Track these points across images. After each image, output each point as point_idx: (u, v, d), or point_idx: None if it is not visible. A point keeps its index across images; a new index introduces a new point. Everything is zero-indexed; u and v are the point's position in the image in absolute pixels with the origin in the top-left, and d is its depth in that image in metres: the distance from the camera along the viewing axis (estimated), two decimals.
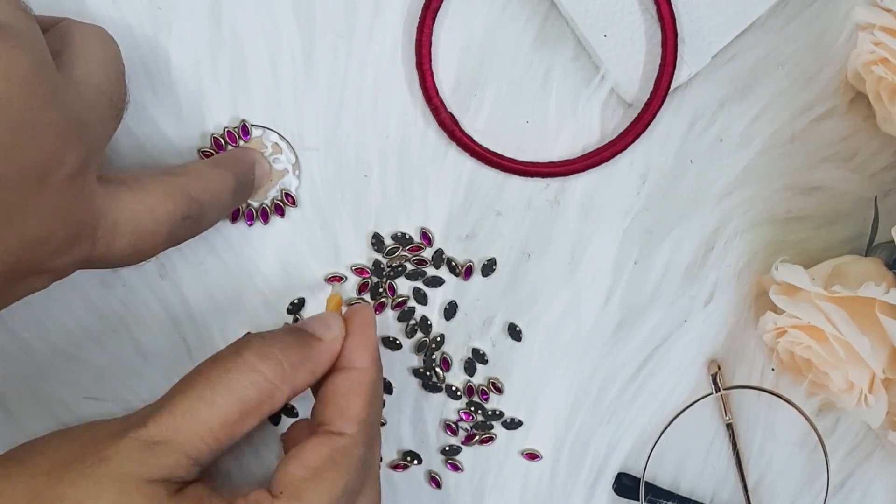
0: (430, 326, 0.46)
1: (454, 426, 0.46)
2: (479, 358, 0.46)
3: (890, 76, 0.42)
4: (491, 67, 0.45)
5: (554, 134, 0.45)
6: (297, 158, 0.44)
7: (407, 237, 0.45)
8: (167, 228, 0.37)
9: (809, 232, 0.47)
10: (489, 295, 0.46)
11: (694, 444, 0.47)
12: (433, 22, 0.44)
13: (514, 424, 0.46)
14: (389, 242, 0.45)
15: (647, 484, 0.46)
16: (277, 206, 0.44)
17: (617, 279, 0.46)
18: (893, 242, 0.43)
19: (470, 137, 0.44)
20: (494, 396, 0.46)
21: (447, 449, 0.46)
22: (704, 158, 0.46)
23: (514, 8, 0.45)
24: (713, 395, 0.46)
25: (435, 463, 0.46)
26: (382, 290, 0.45)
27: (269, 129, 0.44)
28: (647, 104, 0.44)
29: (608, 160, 0.45)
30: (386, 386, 0.45)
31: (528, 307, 0.46)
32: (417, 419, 0.46)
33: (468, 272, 0.45)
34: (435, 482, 0.46)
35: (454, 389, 0.46)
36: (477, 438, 0.46)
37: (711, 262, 0.46)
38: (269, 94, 0.44)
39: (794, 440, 0.47)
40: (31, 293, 0.35)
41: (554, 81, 0.45)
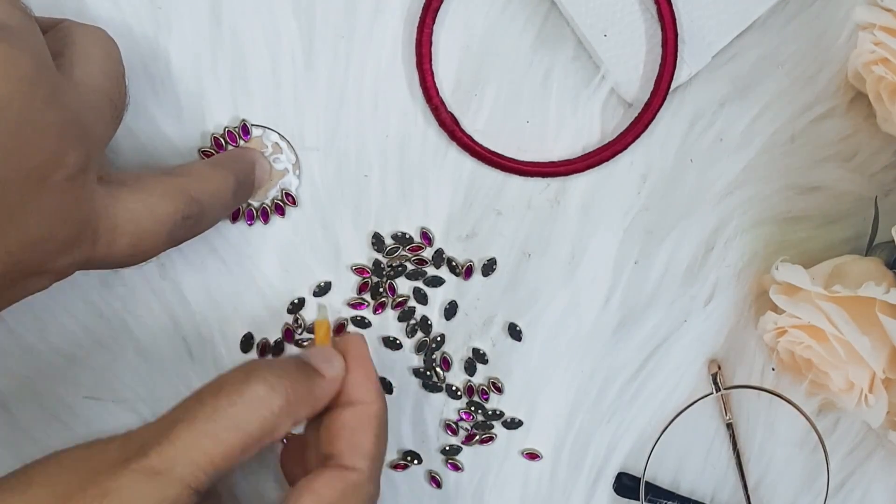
0: (430, 326, 0.46)
1: (454, 426, 0.46)
2: (479, 358, 0.46)
3: (890, 76, 0.42)
4: (491, 67, 0.45)
5: (554, 134, 0.45)
6: (297, 158, 0.44)
7: (407, 237, 0.45)
8: (167, 229, 0.37)
9: (809, 232, 0.47)
10: (489, 295, 0.46)
11: (694, 443, 0.47)
12: (433, 22, 0.44)
13: (514, 424, 0.46)
14: (389, 242, 0.45)
15: (647, 484, 0.46)
16: (277, 205, 0.44)
17: (617, 279, 0.46)
18: (893, 242, 0.43)
19: (470, 137, 0.44)
20: (494, 396, 0.46)
21: (447, 449, 0.46)
22: (704, 158, 0.46)
23: (514, 8, 0.45)
24: (713, 394, 0.46)
25: (435, 463, 0.46)
26: (382, 289, 0.45)
27: (269, 128, 0.44)
28: (647, 104, 0.44)
29: (608, 160, 0.45)
30: (386, 386, 0.45)
31: (528, 307, 0.46)
32: (417, 419, 0.46)
33: (468, 272, 0.45)
34: (435, 482, 0.46)
35: (454, 389, 0.46)
36: (477, 438, 0.46)
37: (711, 262, 0.46)
38: (269, 94, 0.44)
39: (794, 440, 0.47)
40: (31, 294, 0.35)
41: (554, 81, 0.45)
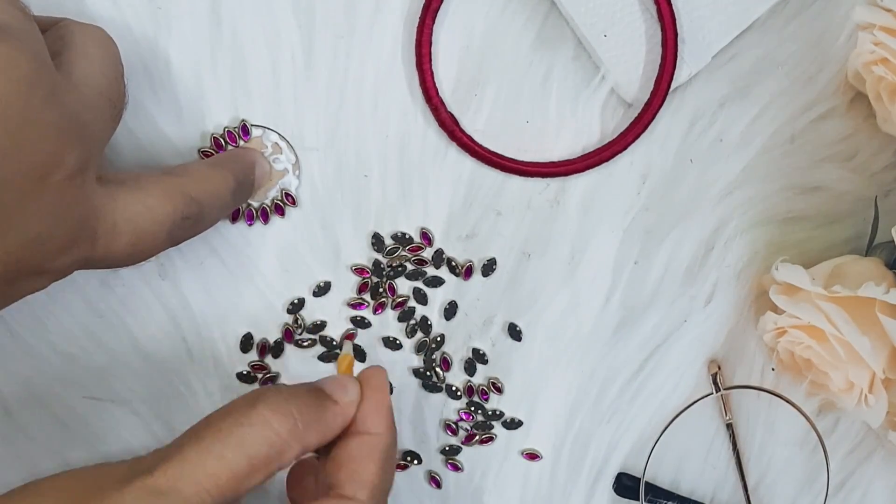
0: (430, 326, 0.46)
1: (454, 426, 0.46)
2: (479, 358, 0.46)
3: (890, 76, 0.42)
4: (491, 67, 0.45)
5: (554, 134, 0.45)
6: (297, 158, 0.44)
7: (407, 237, 0.45)
8: (167, 229, 0.37)
9: (809, 232, 0.47)
10: (489, 295, 0.46)
11: (694, 444, 0.47)
12: (433, 22, 0.44)
13: (514, 424, 0.46)
14: (389, 242, 0.45)
15: (647, 484, 0.46)
16: (277, 206, 0.44)
17: (617, 279, 0.46)
18: (893, 242, 0.43)
19: (470, 137, 0.44)
20: (494, 396, 0.46)
21: (447, 449, 0.46)
22: (704, 158, 0.46)
23: (514, 8, 0.45)
24: (713, 395, 0.46)
25: (435, 463, 0.46)
26: (382, 290, 0.45)
27: (269, 129, 0.44)
28: (647, 104, 0.44)
29: (608, 160, 0.45)
30: None
31: (528, 307, 0.46)
32: (417, 419, 0.46)
33: (468, 272, 0.45)
34: (435, 482, 0.46)
35: (454, 389, 0.46)
36: (477, 438, 0.46)
37: (711, 262, 0.46)
38: (269, 94, 0.44)
39: (794, 440, 0.47)
40: (30, 293, 0.35)
41: (554, 81, 0.45)
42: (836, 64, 0.46)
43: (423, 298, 0.45)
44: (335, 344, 0.45)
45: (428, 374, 0.46)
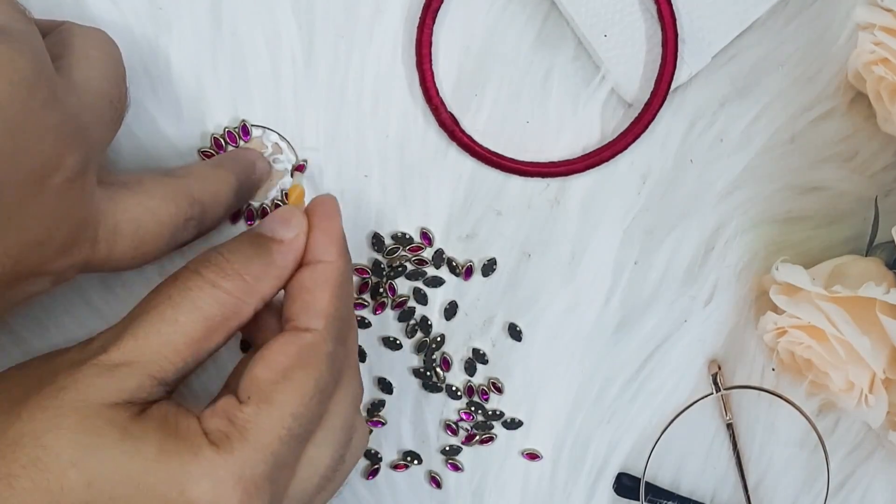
0: (430, 326, 0.46)
1: (454, 426, 0.46)
2: (479, 358, 0.46)
3: (890, 76, 0.42)
4: (491, 67, 0.45)
5: (554, 134, 0.45)
6: (297, 158, 0.44)
7: (407, 237, 0.45)
8: (170, 231, 0.36)
9: (809, 232, 0.47)
10: (489, 295, 0.46)
11: (694, 444, 0.47)
12: (433, 22, 0.44)
13: (514, 424, 0.46)
14: (389, 242, 0.45)
15: (647, 484, 0.46)
16: (277, 206, 0.44)
17: (617, 279, 0.46)
18: (894, 242, 0.43)
19: (470, 137, 0.44)
20: (494, 396, 0.46)
21: (447, 449, 0.46)
22: (704, 158, 0.46)
23: (514, 8, 0.45)
24: (713, 395, 0.46)
25: (435, 463, 0.46)
26: (382, 290, 0.45)
27: (269, 129, 0.44)
28: (647, 104, 0.44)
29: (608, 160, 0.45)
30: (386, 386, 0.45)
31: (528, 307, 0.46)
32: (417, 419, 0.46)
33: (468, 272, 0.45)
34: (435, 482, 0.46)
35: (454, 389, 0.46)
36: (477, 438, 0.46)
37: (711, 262, 0.46)
38: (269, 94, 0.44)
39: (794, 440, 0.47)
40: (32, 297, 0.34)
41: (554, 81, 0.45)
42: (836, 64, 0.46)
43: (423, 298, 0.45)
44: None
45: (428, 374, 0.46)
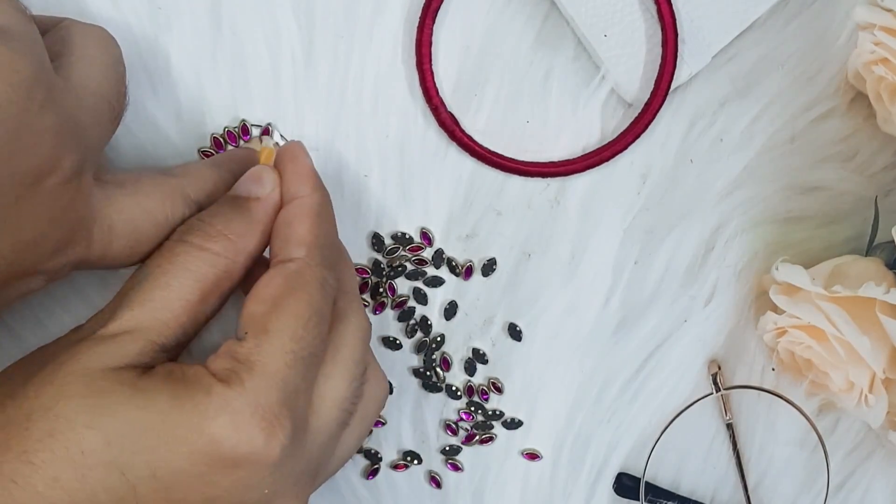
0: (430, 326, 0.46)
1: (454, 426, 0.46)
2: (479, 358, 0.46)
3: (890, 76, 0.42)
4: (491, 67, 0.45)
5: (554, 134, 0.45)
6: None
7: (407, 237, 0.45)
8: (165, 230, 0.36)
9: (809, 232, 0.47)
10: (489, 295, 0.46)
11: (694, 444, 0.47)
12: (433, 22, 0.44)
13: (514, 424, 0.46)
14: (389, 242, 0.45)
15: (647, 484, 0.46)
16: None
17: (617, 279, 0.46)
18: (894, 242, 0.43)
19: (470, 137, 0.44)
20: (494, 396, 0.46)
21: (447, 449, 0.46)
22: (704, 158, 0.46)
23: (514, 8, 0.45)
24: (713, 395, 0.46)
25: (435, 463, 0.46)
26: (382, 290, 0.45)
27: (273, 129, 0.44)
28: (647, 104, 0.44)
29: (608, 160, 0.45)
30: None
31: (528, 307, 0.46)
32: (417, 419, 0.46)
33: (468, 272, 0.45)
34: (435, 482, 0.46)
35: (454, 389, 0.46)
36: (477, 438, 0.46)
37: (711, 262, 0.46)
38: (269, 94, 0.44)
39: (794, 440, 0.47)
40: (26, 295, 0.34)
41: (554, 81, 0.45)
42: (836, 64, 0.46)
43: (422, 298, 0.45)
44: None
45: (428, 374, 0.46)
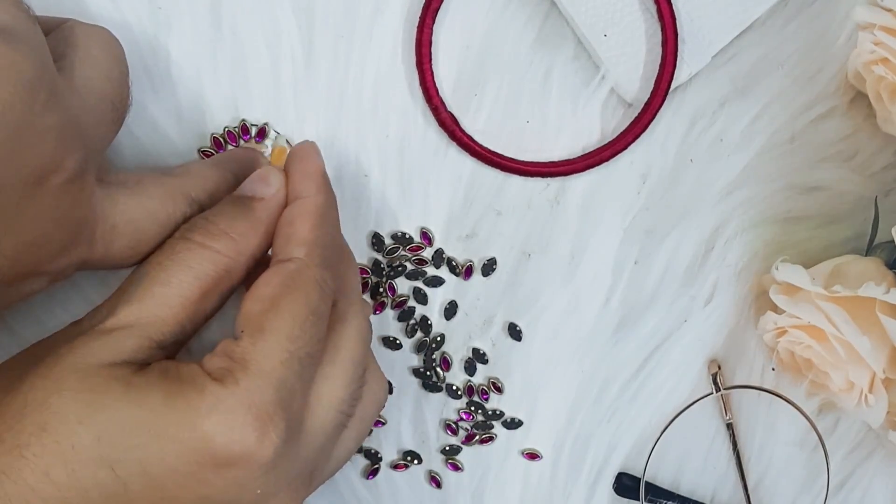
0: (430, 326, 0.46)
1: (454, 426, 0.46)
2: (479, 358, 0.46)
3: (890, 76, 0.42)
4: (491, 67, 0.45)
5: (554, 134, 0.45)
6: None
7: (407, 237, 0.45)
8: (167, 231, 0.36)
9: (809, 232, 0.47)
10: (489, 295, 0.46)
11: (694, 444, 0.47)
12: (433, 22, 0.44)
13: (514, 424, 0.46)
14: (389, 242, 0.45)
15: (647, 484, 0.46)
16: None
17: (617, 279, 0.46)
18: (894, 242, 0.43)
19: (470, 137, 0.44)
20: (494, 396, 0.46)
21: (447, 449, 0.46)
22: (704, 158, 0.46)
23: (514, 8, 0.45)
24: (713, 394, 0.46)
25: (435, 463, 0.46)
26: (382, 289, 0.45)
27: (273, 129, 0.44)
28: (647, 104, 0.44)
29: (608, 160, 0.45)
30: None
31: (528, 307, 0.46)
32: (417, 419, 0.46)
33: (468, 272, 0.45)
34: (435, 482, 0.46)
35: (454, 389, 0.46)
36: (477, 438, 0.46)
37: (711, 262, 0.46)
38: (269, 94, 0.44)
39: (794, 440, 0.47)
40: (28, 296, 0.34)
41: (554, 81, 0.45)
42: (836, 64, 0.46)
43: (422, 298, 0.45)
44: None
45: (428, 373, 0.46)
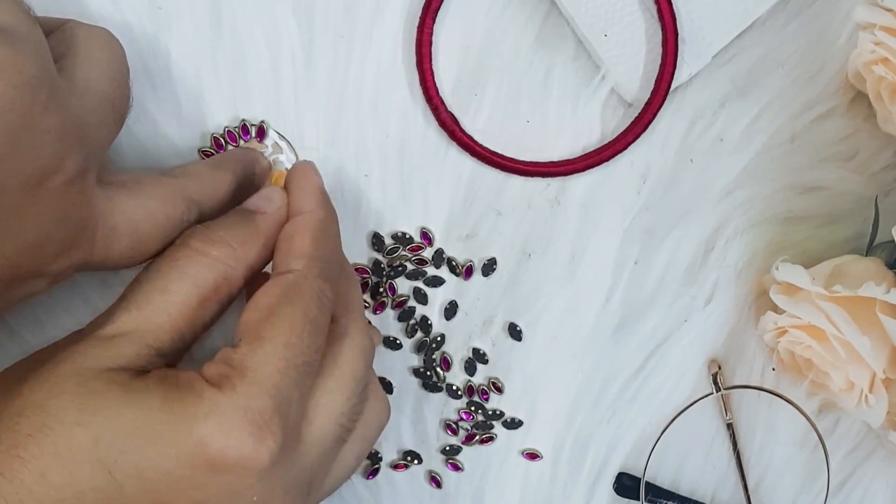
0: (430, 326, 0.46)
1: (454, 426, 0.46)
2: (479, 358, 0.46)
3: (890, 76, 0.42)
4: (491, 67, 0.45)
5: (554, 134, 0.45)
6: (297, 158, 0.44)
7: (407, 237, 0.45)
8: (167, 231, 0.36)
9: (809, 232, 0.47)
10: (489, 295, 0.46)
11: (694, 444, 0.47)
12: (433, 22, 0.44)
13: (514, 424, 0.46)
14: (389, 242, 0.45)
15: (647, 484, 0.46)
16: None
17: (617, 279, 0.46)
18: (893, 242, 0.43)
19: (470, 137, 0.44)
20: (495, 396, 0.46)
21: (447, 449, 0.46)
22: (704, 158, 0.46)
23: (514, 8, 0.45)
24: (713, 395, 0.46)
25: (435, 463, 0.46)
26: (382, 289, 0.45)
27: (274, 130, 0.44)
28: (647, 104, 0.44)
29: (608, 160, 0.45)
30: (386, 386, 0.45)
31: (528, 307, 0.46)
32: (418, 419, 0.46)
33: (468, 272, 0.45)
34: (435, 482, 0.46)
35: (454, 389, 0.46)
36: (477, 438, 0.46)
37: (711, 262, 0.46)
38: (269, 94, 0.44)
39: (794, 440, 0.47)
40: (29, 297, 0.34)
41: (554, 81, 0.45)
42: (836, 64, 0.46)
43: (423, 298, 0.45)
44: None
45: (428, 373, 0.46)
